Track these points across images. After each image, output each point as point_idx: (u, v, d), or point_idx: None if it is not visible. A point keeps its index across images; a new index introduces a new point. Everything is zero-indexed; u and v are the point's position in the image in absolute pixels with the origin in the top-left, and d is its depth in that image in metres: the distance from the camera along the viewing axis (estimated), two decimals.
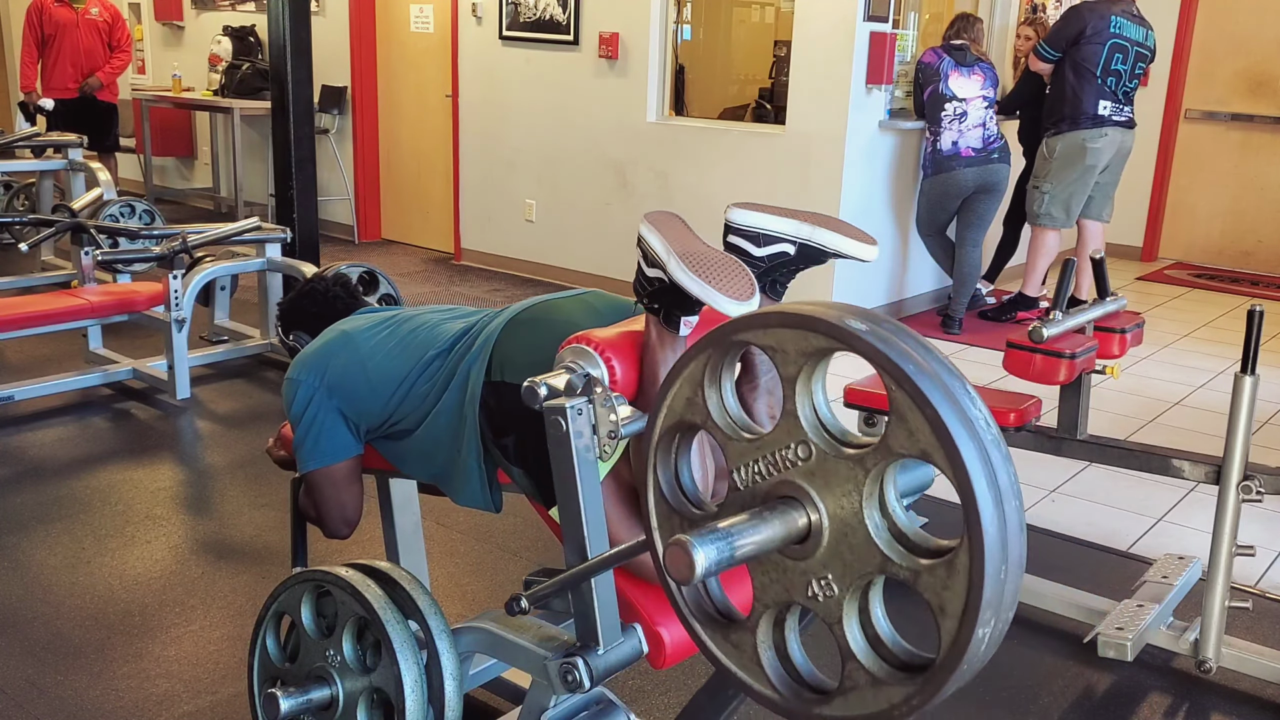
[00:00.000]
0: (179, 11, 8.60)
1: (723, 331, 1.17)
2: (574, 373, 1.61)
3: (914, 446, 1.03)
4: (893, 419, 1.04)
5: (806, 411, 1.12)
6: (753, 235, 1.73)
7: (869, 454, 1.07)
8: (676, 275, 1.56)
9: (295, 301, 2.35)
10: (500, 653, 1.81)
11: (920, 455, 1.02)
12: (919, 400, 1.01)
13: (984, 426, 1.02)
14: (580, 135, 6.34)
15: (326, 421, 2.02)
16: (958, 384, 1.04)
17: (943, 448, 1.00)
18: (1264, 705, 2.58)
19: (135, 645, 2.64)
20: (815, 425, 1.12)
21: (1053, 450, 2.96)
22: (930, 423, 1.01)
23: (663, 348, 1.66)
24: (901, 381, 1.02)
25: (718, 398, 1.20)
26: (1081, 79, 5.42)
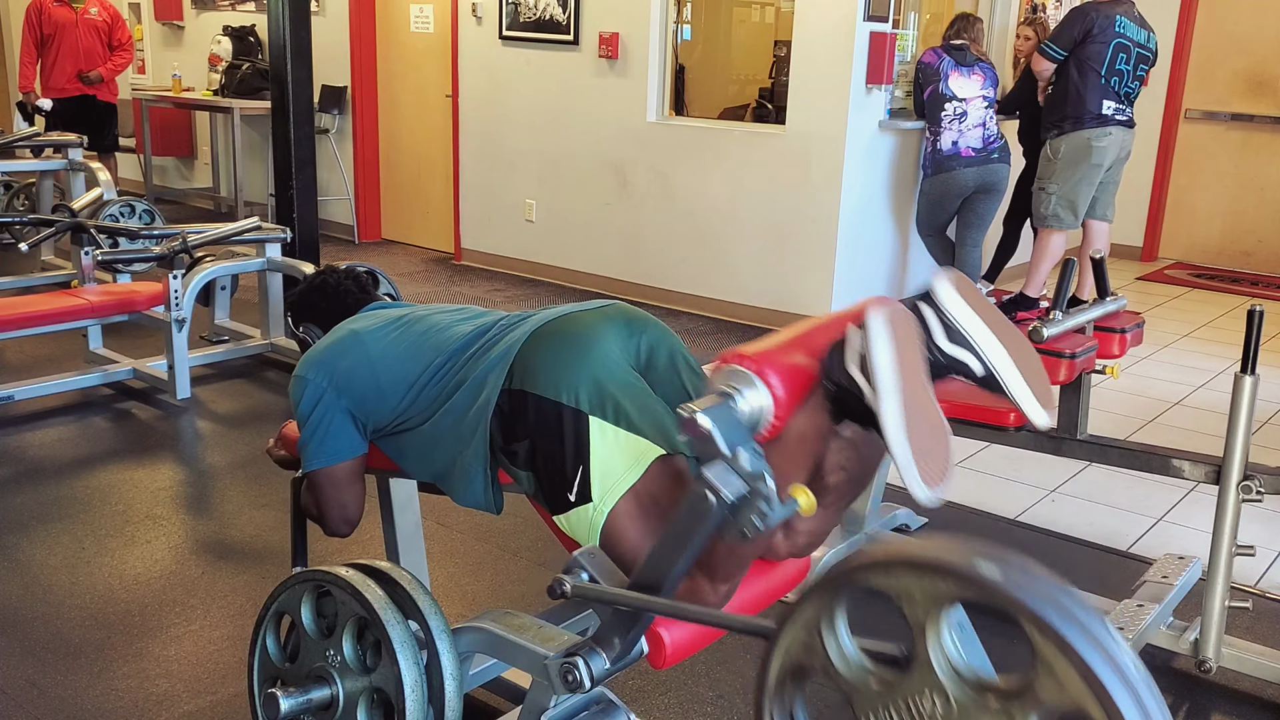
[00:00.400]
0: (179, 11, 8.60)
1: (841, 574, 1.11)
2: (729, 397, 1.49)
3: (1064, 697, 0.99)
4: (1040, 667, 1.00)
5: (940, 659, 1.06)
6: (952, 328, 1.55)
7: (1015, 705, 1.02)
8: (887, 424, 1.41)
9: (306, 294, 2.34)
10: (500, 653, 1.81)
11: (1072, 706, 0.98)
12: (1065, 650, 0.98)
13: (1133, 671, 0.99)
14: (580, 135, 6.34)
15: (334, 421, 2.02)
16: (1101, 629, 1.01)
17: (1097, 698, 0.96)
18: (1264, 705, 2.58)
19: (135, 645, 2.64)
20: (951, 674, 1.06)
21: (1053, 450, 2.96)
22: (1081, 673, 0.97)
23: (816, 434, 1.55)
24: (1046, 631, 0.99)
25: (836, 643, 1.14)
26: (1086, 78, 5.41)
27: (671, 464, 1.78)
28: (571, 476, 1.76)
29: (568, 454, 1.76)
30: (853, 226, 5.58)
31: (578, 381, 1.78)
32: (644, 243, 6.20)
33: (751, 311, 5.85)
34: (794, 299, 5.70)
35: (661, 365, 1.92)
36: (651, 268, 6.20)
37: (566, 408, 1.77)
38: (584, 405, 1.77)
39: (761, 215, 5.72)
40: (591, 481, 1.75)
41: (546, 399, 1.78)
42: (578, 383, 1.78)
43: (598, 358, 1.82)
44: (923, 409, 1.44)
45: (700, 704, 2.48)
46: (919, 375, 1.48)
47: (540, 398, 1.79)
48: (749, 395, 1.49)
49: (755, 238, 5.77)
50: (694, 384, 1.92)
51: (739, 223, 5.82)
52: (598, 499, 1.74)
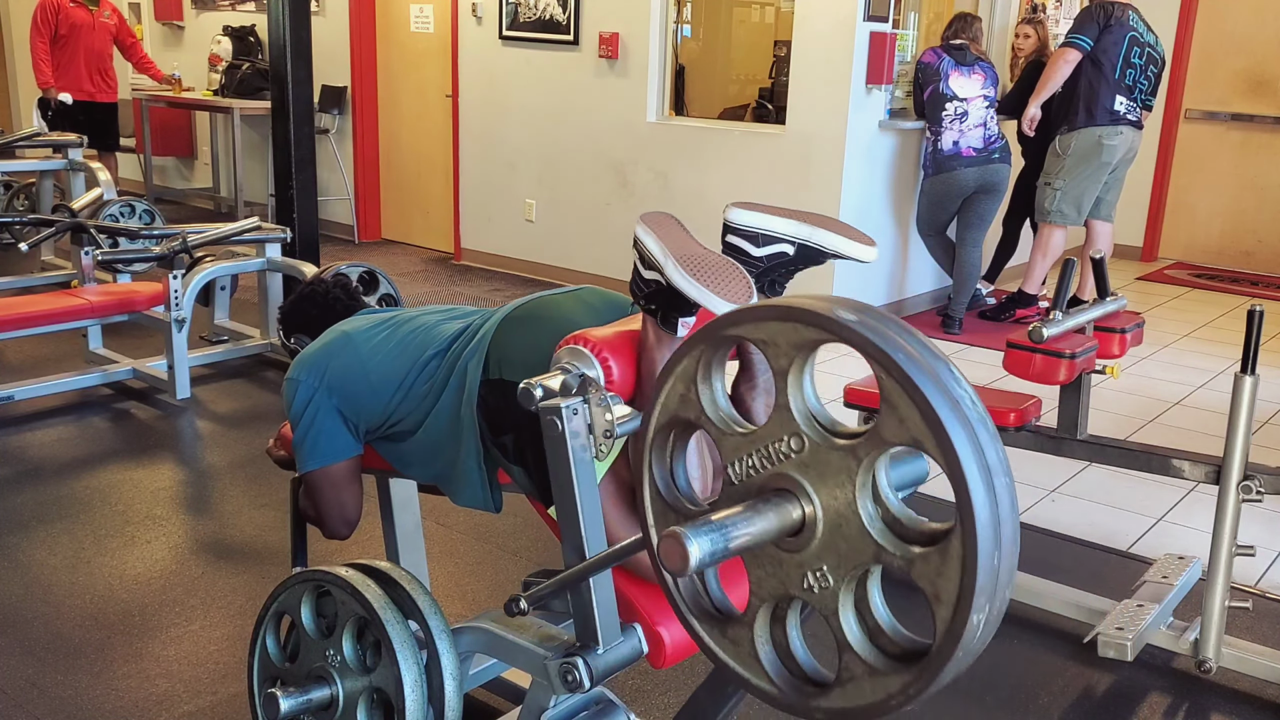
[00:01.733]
0: (179, 11, 8.60)
1: (715, 327, 1.18)
2: (569, 373, 1.61)
3: (904, 434, 1.03)
4: (883, 407, 1.05)
5: (798, 403, 1.12)
6: (751, 235, 1.73)
7: (861, 443, 1.07)
8: (673, 278, 1.57)
9: (295, 304, 2.35)
10: (500, 653, 1.81)
11: (911, 442, 1.03)
12: (907, 385, 1.02)
13: (969, 405, 1.03)
14: (580, 135, 6.34)
15: (326, 422, 2.02)
16: (943, 367, 1.05)
17: (931, 432, 1.01)
18: (1264, 705, 2.58)
19: (135, 645, 2.64)
20: (807, 417, 1.12)
21: (1053, 450, 2.96)
22: (918, 407, 1.01)
23: (659, 348, 1.67)
24: (889, 368, 1.03)
25: (710, 394, 1.20)
26: (1100, 73, 5.40)
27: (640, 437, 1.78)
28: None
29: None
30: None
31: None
32: None
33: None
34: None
35: None
36: None
37: None
38: None
39: None
40: None
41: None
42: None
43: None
44: (704, 259, 1.58)
45: None
46: (687, 240, 1.64)
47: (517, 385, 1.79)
48: (586, 372, 1.63)
49: None
50: None
51: None
52: None
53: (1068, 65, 5.43)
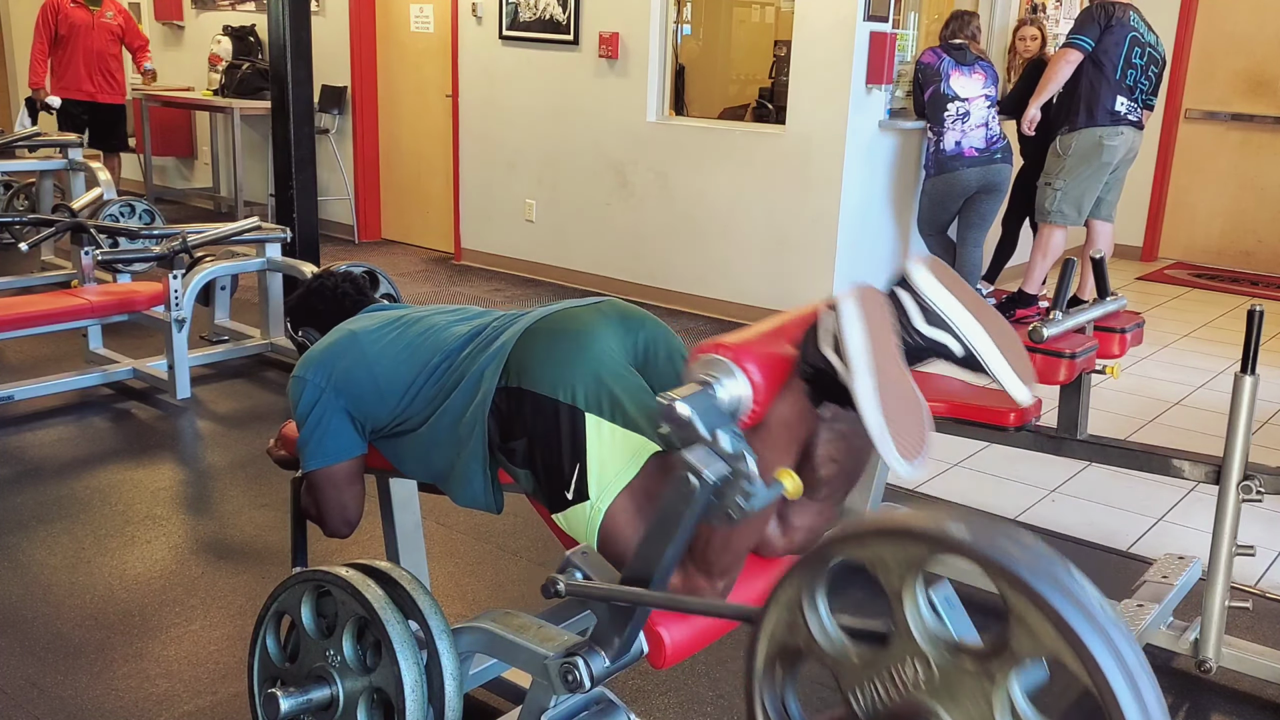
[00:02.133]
0: (179, 11, 8.60)
1: (818, 549, 1.13)
2: (708, 386, 1.51)
3: (1039, 648, 1.00)
4: (1013, 621, 1.01)
5: (918, 625, 1.07)
6: (929, 310, 1.56)
7: (994, 662, 1.03)
8: (861, 399, 1.43)
9: (304, 298, 2.35)
10: (500, 653, 1.81)
11: (1047, 655, 0.99)
12: (1037, 601, 0.98)
13: (1099, 610, 1.00)
14: (580, 135, 6.34)
15: (333, 421, 2.02)
16: (1065, 573, 1.02)
17: (1068, 643, 0.97)
18: (1264, 705, 2.58)
19: (135, 645, 2.64)
20: (930, 638, 1.07)
21: (1053, 450, 2.96)
22: (1051, 621, 0.98)
23: (797, 419, 1.57)
24: (1014, 584, 0.99)
25: (819, 620, 1.15)
26: (1101, 74, 5.39)
27: (668, 461, 1.78)
28: (569, 474, 1.76)
29: (564, 451, 1.76)
30: (853, 226, 5.57)
31: (574, 378, 1.78)
32: (644, 243, 6.20)
33: (751, 311, 5.85)
34: (794, 299, 5.69)
35: (659, 362, 1.92)
36: (651, 268, 6.20)
37: (563, 405, 1.77)
38: (581, 402, 1.77)
39: (762, 215, 5.72)
40: (588, 479, 1.75)
41: (543, 396, 1.78)
42: (574, 379, 1.78)
43: (594, 354, 1.82)
44: (897, 384, 1.45)
45: (700, 704, 2.48)
46: (892, 352, 1.49)
47: (537, 395, 1.79)
48: (727, 383, 1.51)
49: (755, 238, 5.77)
50: None
51: (739, 223, 5.82)
52: (595, 496, 1.74)
53: (1069, 66, 5.42)
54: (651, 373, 1.90)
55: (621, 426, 1.76)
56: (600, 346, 1.84)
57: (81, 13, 7.09)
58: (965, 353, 1.55)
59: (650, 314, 1.99)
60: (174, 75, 8.73)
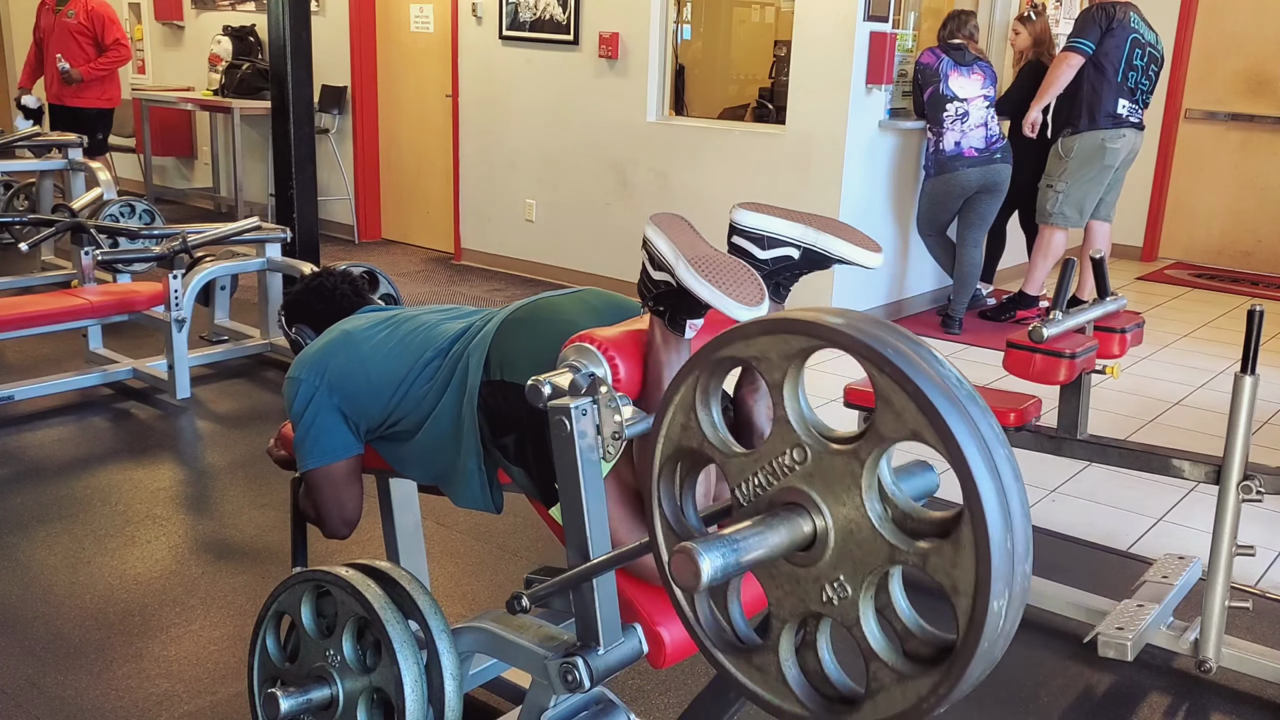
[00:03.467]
0: (179, 11, 8.60)
1: (706, 352, 1.18)
2: (578, 371, 1.61)
3: (902, 427, 1.03)
4: (879, 404, 1.05)
5: (796, 414, 1.12)
6: (757, 238, 1.73)
7: (862, 444, 1.07)
8: (685, 280, 1.56)
9: (301, 296, 2.35)
10: (500, 653, 1.81)
11: (910, 434, 1.03)
12: (898, 377, 1.02)
13: (959, 386, 1.04)
14: (580, 135, 6.34)
15: (327, 421, 2.02)
16: (929, 355, 1.06)
17: (927, 419, 1.01)
18: (1264, 705, 2.58)
19: (135, 645, 2.64)
20: (806, 426, 1.12)
21: (1053, 450, 2.95)
22: (912, 396, 1.02)
23: (667, 349, 1.66)
24: (880, 364, 1.03)
25: (710, 420, 1.21)
26: (1103, 76, 5.38)
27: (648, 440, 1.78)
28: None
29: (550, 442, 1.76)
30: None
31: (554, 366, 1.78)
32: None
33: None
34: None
35: None
36: None
37: None
38: None
39: None
40: None
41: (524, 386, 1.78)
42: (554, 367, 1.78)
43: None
44: (717, 263, 1.57)
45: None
46: (698, 242, 1.63)
47: (520, 386, 1.78)
48: (591, 367, 1.63)
49: None
50: None
51: None
52: None
53: (1070, 70, 5.41)
54: None
55: None
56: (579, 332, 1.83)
57: (49, 15, 7.05)
58: (802, 251, 1.74)
59: (631, 300, 1.98)
60: (174, 75, 8.74)
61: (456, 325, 2.01)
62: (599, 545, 1.61)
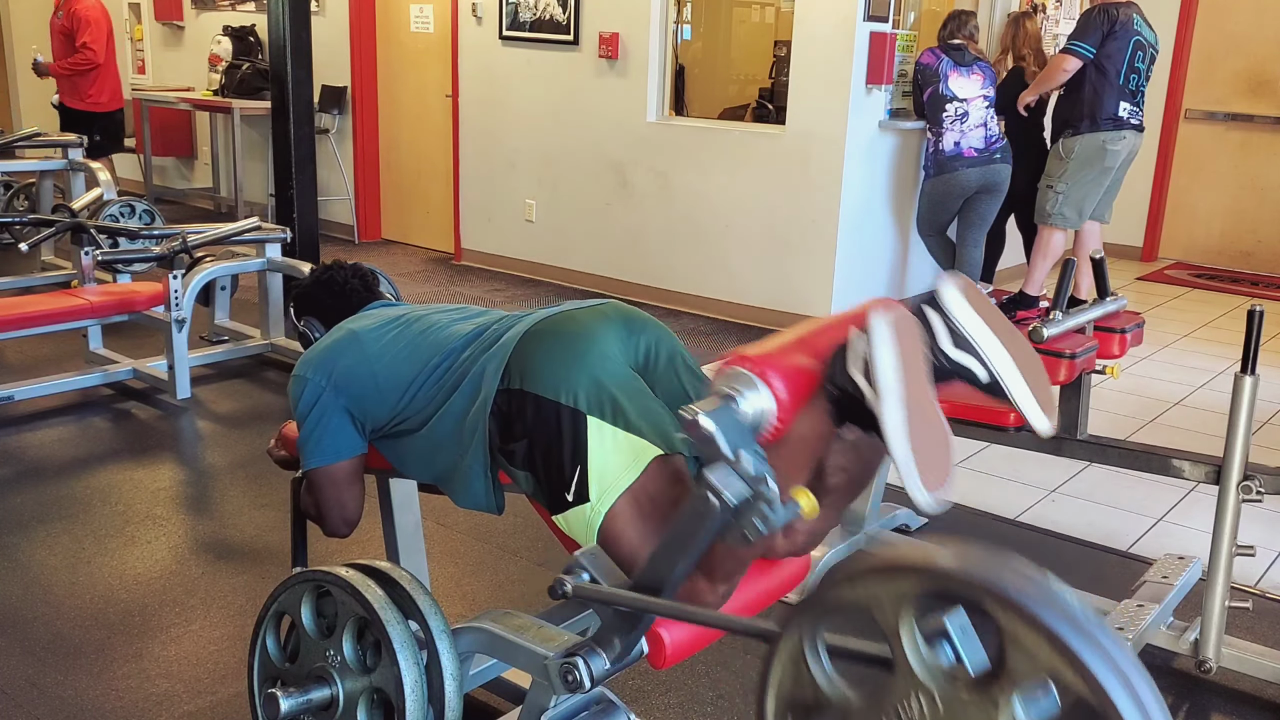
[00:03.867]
0: (179, 11, 8.60)
1: (813, 599, 1.12)
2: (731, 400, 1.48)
3: (1037, 666, 1.00)
4: (1007, 644, 1.01)
5: (917, 659, 1.07)
6: (958, 334, 1.54)
7: (993, 688, 1.03)
8: (888, 428, 1.41)
9: (311, 288, 2.34)
10: (500, 653, 1.81)
11: (1049, 673, 0.99)
12: (1028, 620, 0.99)
13: (1093, 623, 1.01)
14: (580, 135, 6.34)
15: (333, 420, 2.02)
16: (1053, 590, 1.03)
17: (1065, 659, 0.98)
18: (1264, 705, 2.58)
19: (135, 645, 2.64)
20: (930, 671, 1.07)
21: (1053, 450, 2.96)
22: (1045, 637, 0.99)
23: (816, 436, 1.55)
24: (1004, 604, 1.00)
25: (821, 669, 1.15)
26: (1105, 79, 5.37)
27: (670, 464, 1.78)
28: (569, 476, 1.76)
29: (565, 454, 1.76)
30: (853, 226, 5.57)
31: (576, 381, 1.78)
32: (644, 243, 6.20)
33: (751, 311, 5.85)
34: (794, 299, 5.70)
35: (661, 365, 1.91)
36: (651, 268, 6.20)
37: (565, 407, 1.77)
38: (582, 405, 1.76)
39: (761, 215, 5.72)
40: (589, 481, 1.74)
41: (545, 398, 1.78)
42: (576, 382, 1.78)
43: (596, 357, 1.81)
44: (924, 413, 1.43)
45: (700, 704, 2.48)
46: (921, 380, 1.47)
47: (539, 397, 1.78)
48: (751, 397, 1.48)
49: (755, 238, 5.77)
50: (693, 385, 1.92)
51: (739, 223, 5.81)
52: (595, 499, 1.74)
53: (1065, 74, 5.41)
54: (653, 376, 1.90)
55: (623, 430, 1.76)
56: (602, 349, 1.83)
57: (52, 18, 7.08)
58: (990, 380, 1.53)
59: (652, 317, 1.99)
60: (174, 75, 8.74)
61: (467, 327, 2.01)
62: (669, 591, 1.56)
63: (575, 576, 1.63)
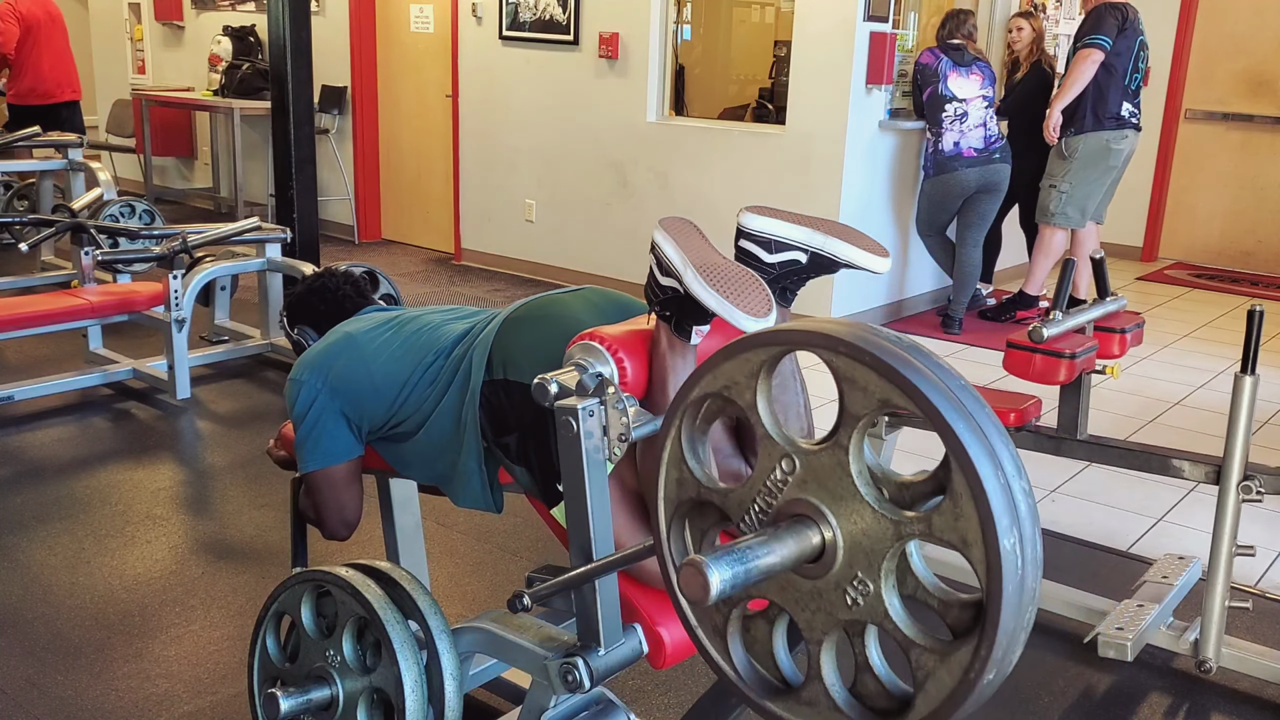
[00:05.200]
0: (179, 11, 8.60)
1: (679, 400, 1.19)
2: (584, 370, 1.60)
3: (870, 399, 1.04)
4: (843, 386, 1.06)
5: (773, 427, 1.13)
6: (764, 241, 1.73)
7: (840, 433, 1.07)
8: (694, 288, 1.56)
9: (303, 296, 2.34)
10: (500, 653, 1.81)
11: (880, 405, 1.04)
12: (853, 353, 1.04)
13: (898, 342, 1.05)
14: (580, 135, 6.34)
15: (329, 423, 2.02)
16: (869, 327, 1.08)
17: (889, 380, 1.02)
18: (1264, 705, 2.58)
19: (135, 645, 2.64)
20: (785, 436, 1.12)
21: (1053, 450, 2.95)
22: (870, 366, 1.04)
23: (673, 354, 1.66)
24: (835, 347, 1.06)
25: (701, 467, 1.20)
26: (1111, 78, 5.37)
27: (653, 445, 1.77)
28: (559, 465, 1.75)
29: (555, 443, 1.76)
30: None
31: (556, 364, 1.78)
32: (644, 243, 6.17)
33: None
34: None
35: None
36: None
37: None
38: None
39: None
40: None
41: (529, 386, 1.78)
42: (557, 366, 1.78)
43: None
44: (723, 270, 1.57)
45: None
46: (706, 249, 1.62)
47: (524, 385, 1.78)
48: (599, 365, 1.62)
49: None
50: None
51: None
52: None
53: (1092, 66, 5.36)
54: None
55: None
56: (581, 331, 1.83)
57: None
58: (808, 256, 1.72)
59: (634, 299, 1.98)
60: (174, 75, 8.74)
61: (460, 326, 2.01)
62: (602, 546, 1.60)
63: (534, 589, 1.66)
